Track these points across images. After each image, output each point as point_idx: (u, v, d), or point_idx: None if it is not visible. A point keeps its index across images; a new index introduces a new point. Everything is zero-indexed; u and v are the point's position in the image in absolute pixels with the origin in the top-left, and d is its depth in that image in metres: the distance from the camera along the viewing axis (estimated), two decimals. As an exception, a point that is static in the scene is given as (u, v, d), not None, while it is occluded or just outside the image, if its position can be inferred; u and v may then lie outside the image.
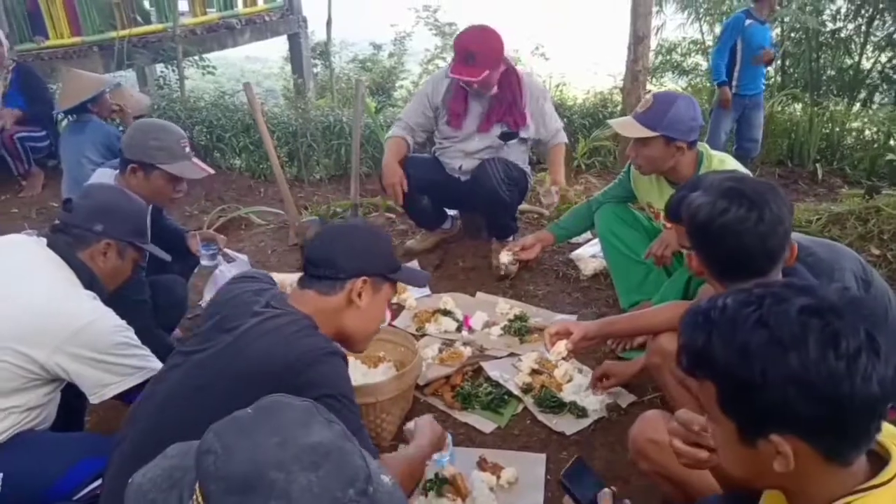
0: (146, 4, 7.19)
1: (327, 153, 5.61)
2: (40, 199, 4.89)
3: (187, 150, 2.49)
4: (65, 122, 5.42)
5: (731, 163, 2.53)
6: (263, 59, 17.12)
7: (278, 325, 1.53)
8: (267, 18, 8.11)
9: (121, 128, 5.11)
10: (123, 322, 1.86)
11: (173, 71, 6.92)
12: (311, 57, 9.05)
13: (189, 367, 1.54)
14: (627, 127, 2.53)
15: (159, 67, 7.30)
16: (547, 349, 2.13)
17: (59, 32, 6.26)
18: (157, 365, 1.86)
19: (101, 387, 1.81)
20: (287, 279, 3.33)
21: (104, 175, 2.52)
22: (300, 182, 5.37)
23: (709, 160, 2.52)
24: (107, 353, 1.79)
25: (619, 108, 5.87)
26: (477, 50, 3.07)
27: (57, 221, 1.97)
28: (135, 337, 1.89)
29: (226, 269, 3.00)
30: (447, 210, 3.68)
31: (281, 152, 5.49)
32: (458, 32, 11.12)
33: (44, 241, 1.92)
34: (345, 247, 1.66)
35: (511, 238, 3.41)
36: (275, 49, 11.23)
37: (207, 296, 3.03)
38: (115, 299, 2.23)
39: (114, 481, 1.51)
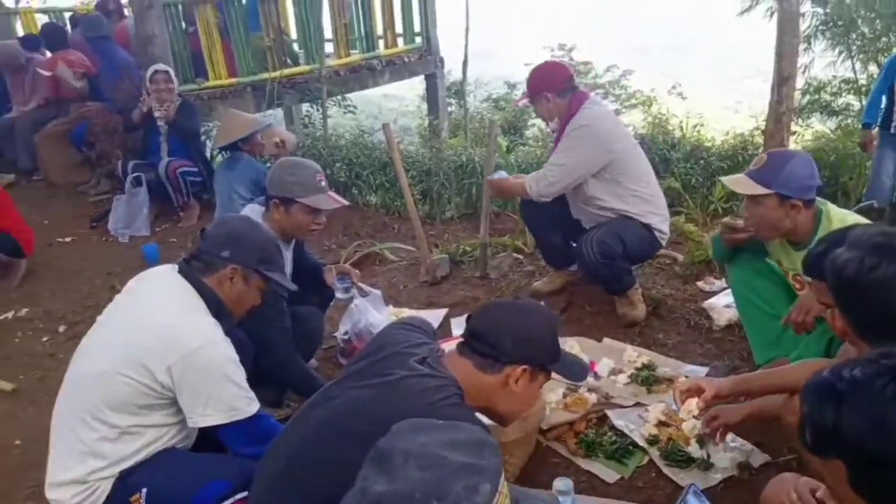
0: (296, 47, 7.79)
1: (459, 192, 5.80)
2: (196, 230, 5.35)
3: (322, 183, 2.69)
4: (219, 159, 5.98)
5: (852, 220, 2.42)
6: (400, 97, 17.86)
7: (427, 387, 1.56)
8: (406, 59, 8.53)
9: (268, 164, 5.60)
10: (236, 358, 1.95)
11: (318, 110, 7.44)
12: (446, 96, 9.39)
13: (337, 405, 1.61)
14: (740, 184, 2.50)
15: (305, 106, 7.87)
16: (677, 406, 2.11)
17: (218, 74, 6.90)
18: (253, 409, 1.94)
19: (194, 413, 1.91)
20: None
21: (252, 211, 2.78)
22: (432, 220, 5.58)
23: (828, 219, 2.44)
24: (208, 382, 1.88)
25: (759, 150, 5.68)
26: (528, 79, 3.39)
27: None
28: (242, 376, 1.96)
29: (360, 302, 3.20)
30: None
31: (415, 190, 5.74)
32: (592, 71, 11.05)
33: (176, 267, 2.10)
34: (513, 330, 1.65)
35: (630, 289, 3.35)
36: (411, 87, 11.73)
37: (342, 327, 3.23)
38: (259, 327, 2.45)
39: None
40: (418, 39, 8.81)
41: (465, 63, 7.95)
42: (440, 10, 8.78)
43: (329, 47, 8.01)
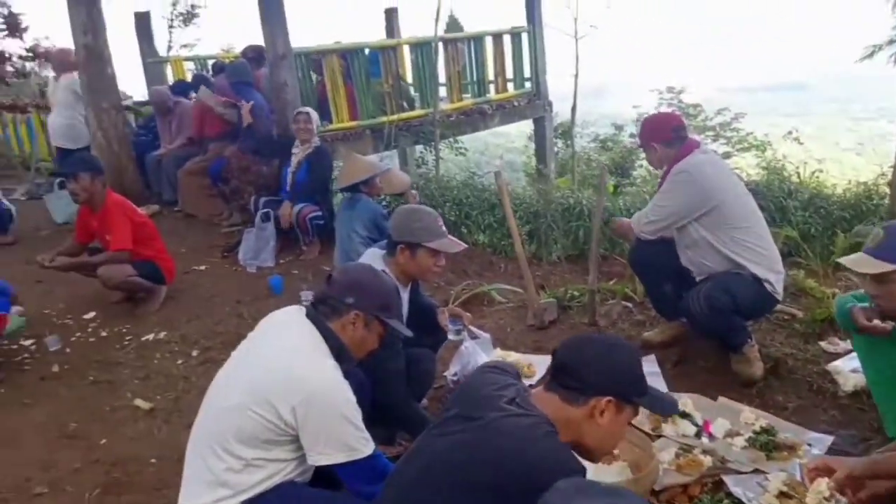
0: (412, 92, 8.02)
1: (566, 233, 5.73)
2: (316, 263, 5.57)
3: (443, 227, 2.75)
4: (339, 197, 6.20)
5: None
6: (506, 133, 18.02)
7: (520, 425, 1.56)
8: (516, 104, 8.61)
9: (383, 204, 5.75)
10: (354, 400, 1.99)
11: (430, 151, 7.60)
12: (553, 137, 9.38)
13: (431, 452, 1.63)
14: (862, 263, 2.30)
15: (419, 148, 8.06)
16: (804, 480, 1.95)
17: (340, 117, 7.18)
18: (369, 450, 1.97)
19: (314, 452, 1.95)
20: (523, 360, 3.44)
21: (373, 255, 2.84)
22: (538, 260, 5.53)
23: None
24: (328, 423, 1.93)
25: (885, 201, 5.29)
26: (639, 128, 3.44)
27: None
28: (359, 417, 1.99)
29: (470, 344, 3.19)
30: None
31: (522, 231, 5.73)
32: (702, 115, 10.73)
33: (304, 310, 2.17)
34: (598, 362, 1.65)
35: (745, 346, 3.16)
36: (517, 124, 11.75)
37: (453, 368, 3.23)
38: (375, 368, 2.49)
39: None
40: (528, 84, 8.87)
41: (573, 109, 7.91)
42: (550, 50, 8.81)
43: (442, 92, 8.20)
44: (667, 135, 3.24)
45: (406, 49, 7.78)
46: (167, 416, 3.32)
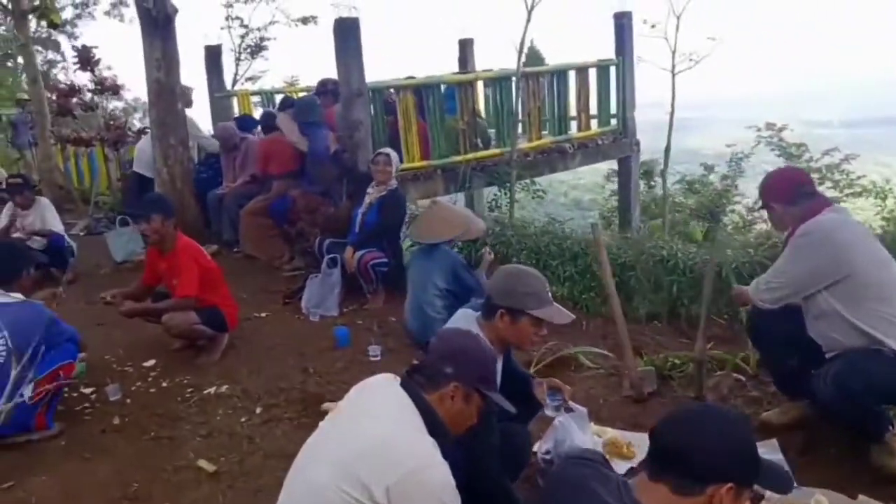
0: (488, 129, 8.06)
1: (655, 288, 5.57)
2: (382, 313, 5.56)
3: (549, 294, 2.66)
4: (408, 242, 6.23)
5: None
6: (582, 170, 17.89)
7: None
8: (600, 142, 8.53)
9: (456, 249, 5.72)
10: (453, 482, 1.95)
11: (505, 194, 7.57)
12: (639, 180, 9.24)
13: None
14: None
15: (491, 190, 8.05)
16: None
17: (412, 156, 7.22)
18: None
19: None
20: (621, 439, 3.30)
21: (466, 318, 2.77)
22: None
23: None
24: None
25: None
26: (760, 185, 3.29)
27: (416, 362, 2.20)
28: (458, 501, 1.95)
29: (564, 419, 3.07)
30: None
31: (585, 282, 5.61)
32: (805, 153, 10.36)
33: (398, 381, 2.13)
34: (712, 443, 1.56)
35: (887, 434, 2.94)
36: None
37: (544, 445, 3.11)
38: (469, 444, 2.40)
39: None
40: (613, 121, 8.79)
41: (667, 149, 7.78)
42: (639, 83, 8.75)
43: (519, 129, 8.20)
44: (790, 194, 3.09)
45: (480, 84, 7.83)
46: (232, 481, 3.30)
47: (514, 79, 7.65)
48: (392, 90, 7.10)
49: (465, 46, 10.42)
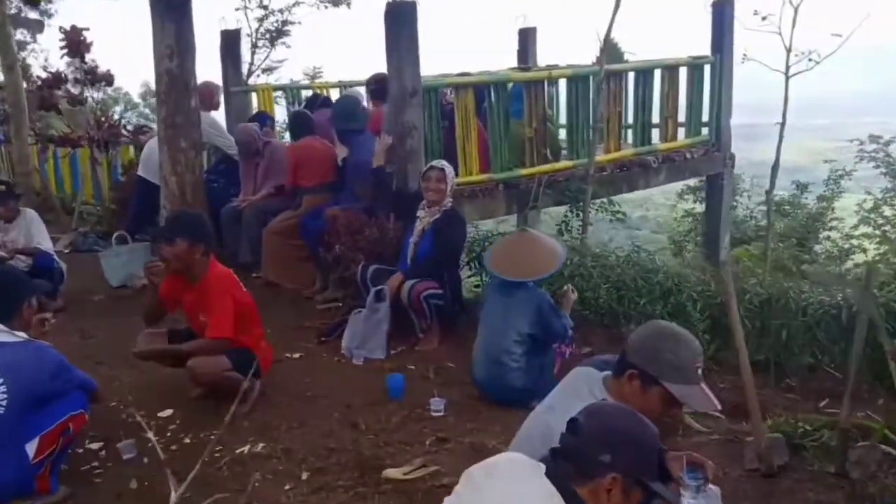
0: (560, 138, 8.04)
1: (761, 333, 5.50)
2: (438, 357, 5.54)
3: (700, 372, 2.58)
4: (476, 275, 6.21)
5: None
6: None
7: None
8: (688, 155, 8.46)
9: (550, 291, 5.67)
10: None
11: (577, 214, 7.51)
12: (731, 202, 9.17)
13: None
14: None
15: (557, 210, 8.01)
16: None
17: (469, 169, 7.19)
18: None
19: None
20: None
21: (589, 378, 2.70)
22: (717, 366, 5.39)
23: None
24: None
25: None
26: None
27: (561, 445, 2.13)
28: None
29: (696, 503, 2.98)
30: None
31: (700, 324, 5.52)
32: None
33: (542, 468, 2.06)
34: None
35: None
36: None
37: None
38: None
39: None
40: (705, 131, 8.73)
41: (775, 167, 7.67)
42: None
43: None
44: None
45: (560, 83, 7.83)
46: (282, 566, 3.26)
47: (592, 78, 7.62)
48: (449, 89, 7.11)
49: (527, 37, 10.45)
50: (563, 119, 8.49)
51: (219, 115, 8.18)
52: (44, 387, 3.57)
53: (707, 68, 8.52)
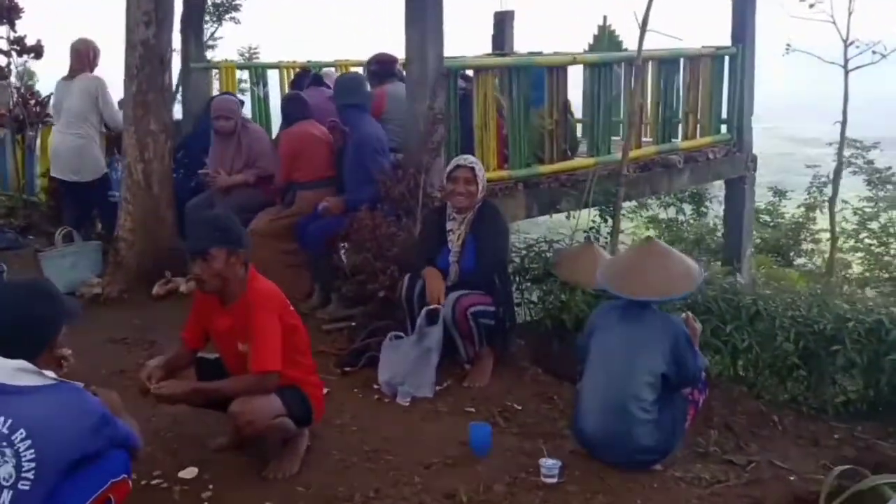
0: (578, 132, 7.33)
1: (865, 370, 4.92)
2: (494, 395, 4.70)
3: None
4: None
5: None
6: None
7: None
8: (711, 155, 7.87)
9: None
10: None
11: (605, 220, 6.79)
12: (753, 210, 8.66)
13: None
14: None
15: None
16: None
17: (486, 164, 6.35)
18: None
19: None
20: None
21: None
22: (813, 410, 4.98)
23: None
24: None
25: None
26: None
27: None
28: None
29: None
30: None
31: (792, 356, 4.92)
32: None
33: None
34: None
35: None
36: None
37: None
38: None
39: None
40: (723, 128, 8.17)
41: (837, 171, 7.12)
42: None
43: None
44: None
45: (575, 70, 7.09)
46: None
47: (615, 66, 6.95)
48: (468, 72, 6.27)
49: (503, 21, 9.79)
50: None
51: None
52: (82, 448, 2.60)
53: (727, 60, 7.94)
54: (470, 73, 6.36)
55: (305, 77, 7.22)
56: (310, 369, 3.85)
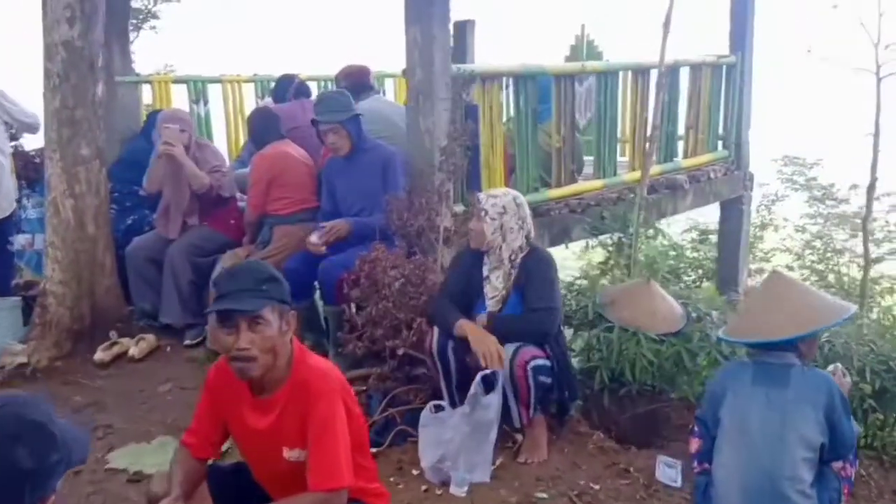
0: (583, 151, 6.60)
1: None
2: (557, 472, 3.82)
3: None
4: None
5: None
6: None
7: None
8: (712, 175, 7.25)
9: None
10: None
11: (621, 249, 6.02)
12: (750, 231, 8.09)
13: None
14: None
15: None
16: None
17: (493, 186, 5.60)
18: None
19: None
20: None
21: None
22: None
23: None
24: None
25: None
26: None
27: None
28: None
29: None
30: None
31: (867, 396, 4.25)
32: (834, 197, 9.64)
33: None
34: None
35: None
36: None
37: None
38: None
39: None
40: (720, 145, 7.59)
41: (871, 187, 6.56)
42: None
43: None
44: None
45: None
46: None
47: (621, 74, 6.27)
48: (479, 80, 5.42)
49: (464, 30, 9.01)
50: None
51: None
52: None
53: (724, 70, 7.38)
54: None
55: (289, 84, 6.11)
56: (373, 474, 2.87)
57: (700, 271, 9.24)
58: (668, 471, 3.80)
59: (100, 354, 5.02)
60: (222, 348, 2.58)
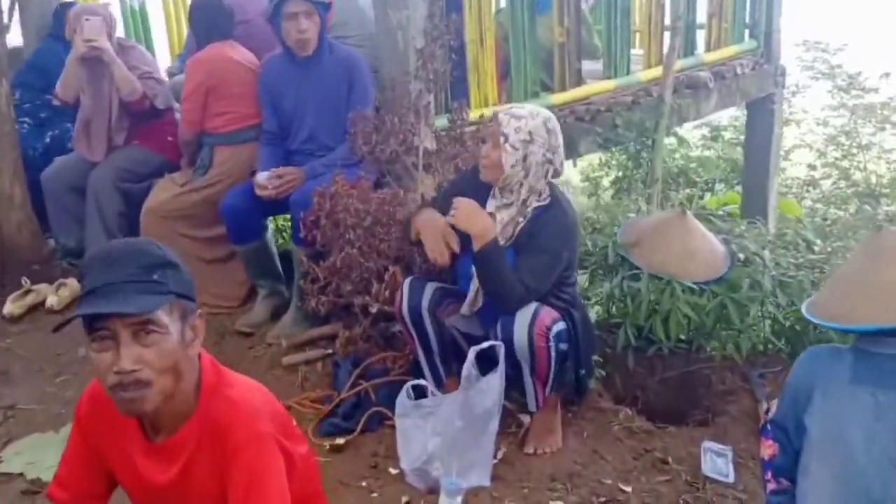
0: (597, 43, 5.67)
1: None
2: (576, 466, 3.09)
3: None
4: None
5: None
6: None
7: None
8: (738, 71, 6.31)
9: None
10: None
11: (638, 164, 5.18)
12: (781, 135, 7.20)
13: None
14: None
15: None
16: None
17: (483, 96, 4.71)
18: None
19: None
20: None
21: None
22: None
23: None
24: None
25: None
26: None
27: None
28: None
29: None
30: None
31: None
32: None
33: None
34: None
35: None
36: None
37: None
38: None
39: None
40: (747, 36, 6.64)
41: None
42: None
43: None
44: None
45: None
46: None
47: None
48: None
49: None
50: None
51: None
52: None
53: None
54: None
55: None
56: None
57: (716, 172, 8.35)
58: (716, 461, 3.08)
59: (9, 307, 4.20)
60: (96, 372, 1.70)
